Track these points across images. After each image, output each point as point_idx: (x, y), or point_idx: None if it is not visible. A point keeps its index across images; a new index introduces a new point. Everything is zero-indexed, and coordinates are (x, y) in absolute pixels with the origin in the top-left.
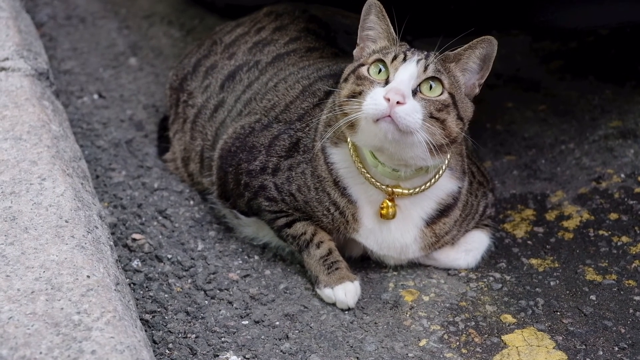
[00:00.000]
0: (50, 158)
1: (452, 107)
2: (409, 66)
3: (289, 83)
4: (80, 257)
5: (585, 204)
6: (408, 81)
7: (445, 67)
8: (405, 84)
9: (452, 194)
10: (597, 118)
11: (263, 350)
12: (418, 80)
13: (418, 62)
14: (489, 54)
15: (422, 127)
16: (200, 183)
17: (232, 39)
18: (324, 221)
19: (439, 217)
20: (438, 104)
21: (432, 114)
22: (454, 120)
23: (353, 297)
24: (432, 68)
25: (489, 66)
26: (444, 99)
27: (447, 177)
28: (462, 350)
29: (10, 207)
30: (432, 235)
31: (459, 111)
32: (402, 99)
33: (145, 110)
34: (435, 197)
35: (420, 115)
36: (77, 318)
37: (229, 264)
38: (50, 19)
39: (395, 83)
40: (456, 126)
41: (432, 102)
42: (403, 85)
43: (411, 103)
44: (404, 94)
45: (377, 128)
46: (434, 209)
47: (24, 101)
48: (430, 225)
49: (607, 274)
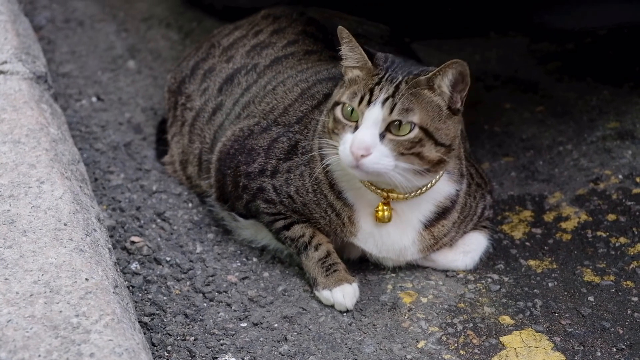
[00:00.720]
0: (48, 161)
1: (426, 139)
2: (374, 110)
3: (288, 86)
4: (78, 260)
5: (583, 205)
6: (373, 128)
7: (417, 96)
8: (368, 134)
9: (450, 197)
10: (595, 119)
11: (262, 353)
12: (384, 124)
13: (384, 104)
14: (462, 74)
15: (396, 167)
16: (199, 186)
17: (230, 42)
18: (321, 223)
19: (437, 219)
20: (408, 143)
21: (404, 153)
22: (430, 149)
23: (351, 299)
24: (398, 109)
25: (467, 81)
26: (414, 137)
27: (444, 181)
28: (460, 351)
29: (9, 211)
30: (431, 238)
31: (437, 138)
32: (365, 151)
33: (144, 113)
34: (433, 200)
35: (391, 159)
36: (76, 321)
37: (228, 266)
38: (48, 22)
39: (359, 134)
40: (435, 152)
41: (401, 142)
42: (366, 136)
43: (377, 151)
44: (367, 146)
45: (352, 171)
46: (432, 211)
47: (22, 104)
48: (428, 227)
49: (605, 275)
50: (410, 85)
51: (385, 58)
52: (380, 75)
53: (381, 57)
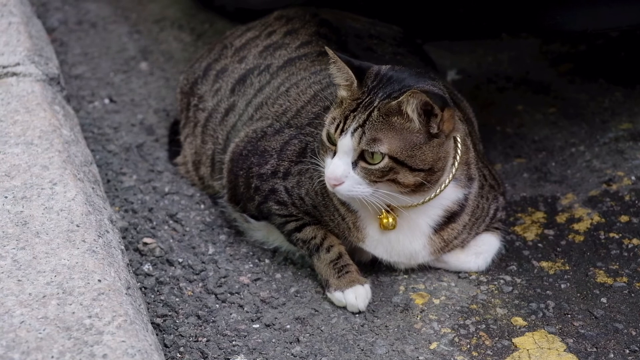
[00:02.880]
0: (61, 163)
1: (398, 167)
2: (345, 140)
3: (301, 88)
4: (91, 262)
5: (596, 206)
6: (345, 157)
7: (387, 124)
8: (340, 165)
9: (459, 201)
10: (608, 120)
11: (274, 354)
12: (356, 153)
13: (354, 134)
14: (425, 103)
15: (373, 193)
16: (211, 187)
17: (243, 43)
18: (331, 225)
19: (447, 223)
20: (379, 172)
21: (377, 180)
22: (406, 176)
23: (364, 300)
24: (366, 139)
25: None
26: (384, 166)
27: (452, 188)
28: (472, 353)
29: (22, 212)
30: (441, 241)
31: (410, 165)
32: (336, 181)
33: (156, 114)
34: (441, 205)
35: (365, 186)
36: (89, 322)
37: (240, 267)
38: (61, 24)
39: (332, 163)
40: (413, 178)
41: (373, 171)
42: (337, 167)
43: (350, 180)
44: (337, 177)
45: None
46: (440, 216)
47: (35, 106)
48: (438, 232)
49: (618, 277)
50: (382, 113)
51: (375, 75)
52: (359, 100)
53: (371, 74)
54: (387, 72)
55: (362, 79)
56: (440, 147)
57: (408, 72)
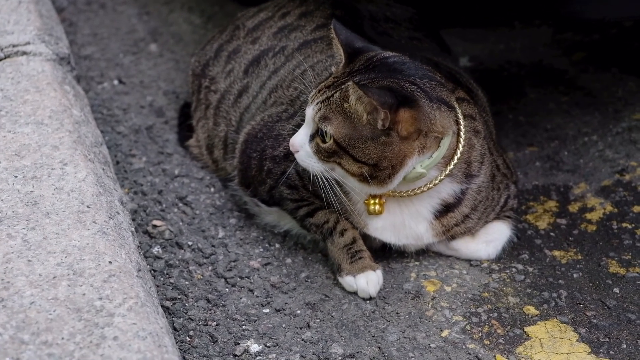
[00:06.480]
0: (71, 143)
1: (342, 152)
2: (309, 111)
3: (317, 71)
4: (102, 243)
5: (609, 196)
6: (307, 127)
7: (340, 108)
8: (302, 133)
9: (454, 195)
10: (621, 110)
11: (284, 339)
12: (313, 127)
13: (314, 107)
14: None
15: (324, 169)
16: (224, 169)
17: (256, 24)
18: (340, 210)
19: (445, 212)
20: (324, 152)
21: (324, 159)
22: (349, 163)
23: (375, 286)
24: (320, 115)
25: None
26: (327, 147)
27: (446, 183)
28: (484, 341)
29: (32, 192)
30: (442, 226)
31: (353, 155)
32: (294, 148)
33: (166, 96)
34: (437, 196)
35: (315, 160)
36: (99, 304)
37: (250, 251)
38: (70, 4)
39: (298, 132)
40: (356, 168)
41: (321, 149)
42: (299, 134)
43: (303, 151)
44: (294, 143)
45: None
46: (438, 204)
47: (45, 86)
48: (438, 218)
49: (631, 267)
50: (341, 96)
51: (366, 60)
52: (337, 80)
53: (363, 58)
54: (383, 58)
55: (354, 60)
56: (387, 147)
57: (408, 63)
